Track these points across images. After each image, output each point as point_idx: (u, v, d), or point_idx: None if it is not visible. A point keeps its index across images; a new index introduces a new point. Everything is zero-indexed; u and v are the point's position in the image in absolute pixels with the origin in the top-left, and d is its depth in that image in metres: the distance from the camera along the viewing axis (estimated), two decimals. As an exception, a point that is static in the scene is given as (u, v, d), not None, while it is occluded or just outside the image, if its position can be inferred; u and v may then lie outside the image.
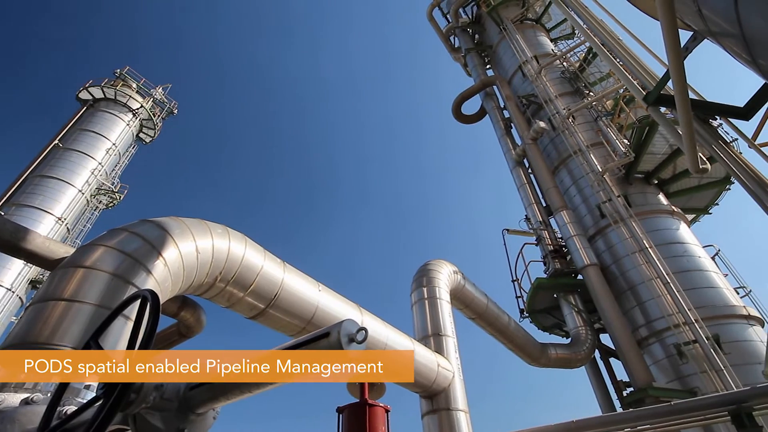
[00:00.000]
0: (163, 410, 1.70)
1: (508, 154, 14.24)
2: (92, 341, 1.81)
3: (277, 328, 4.58)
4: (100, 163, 21.02)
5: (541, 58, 14.76)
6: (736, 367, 7.99)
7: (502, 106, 15.93)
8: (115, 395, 1.44)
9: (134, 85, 25.00)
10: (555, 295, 11.40)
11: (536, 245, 12.57)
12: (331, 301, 4.91)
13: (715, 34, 3.08)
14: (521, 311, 12.20)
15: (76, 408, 1.64)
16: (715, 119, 4.45)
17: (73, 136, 21.24)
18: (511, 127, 15.22)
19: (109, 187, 21.91)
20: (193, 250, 3.69)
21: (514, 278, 12.57)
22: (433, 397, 6.23)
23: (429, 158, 77.64)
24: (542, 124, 12.72)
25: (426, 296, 7.30)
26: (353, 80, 78.75)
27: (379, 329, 5.48)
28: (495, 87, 16.48)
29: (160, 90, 26.05)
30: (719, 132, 6.12)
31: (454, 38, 20.06)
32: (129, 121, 23.67)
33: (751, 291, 10.37)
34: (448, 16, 20.72)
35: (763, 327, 9.04)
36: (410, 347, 5.85)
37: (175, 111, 26.93)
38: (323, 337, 1.29)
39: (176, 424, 1.73)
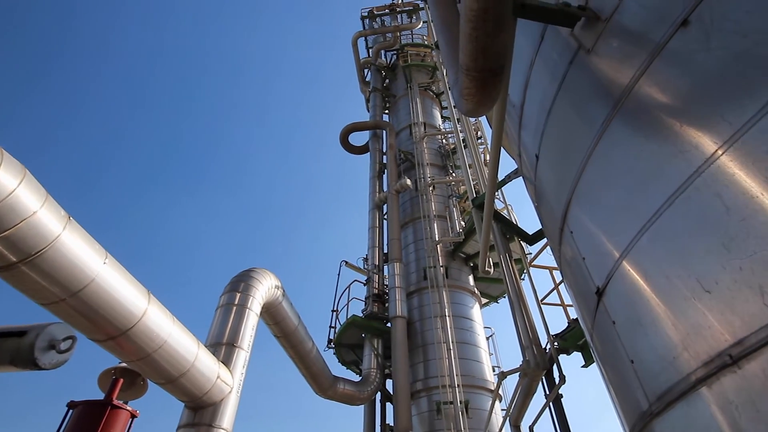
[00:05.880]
0: None
1: (372, 195, 15.19)
2: None
3: (24, 291, 3.63)
4: None
5: (429, 127, 16.57)
6: (473, 430, 9.77)
7: (383, 151, 17.09)
8: None
9: None
10: (363, 335, 12.18)
11: (365, 285, 13.41)
12: (114, 278, 4.18)
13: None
14: (329, 341, 12.62)
15: None
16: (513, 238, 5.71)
17: None
18: (384, 173, 16.35)
19: None
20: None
21: (335, 308, 13.08)
22: (199, 410, 5.78)
23: (318, 170, 76.95)
24: (409, 182, 14.07)
25: (236, 302, 6.93)
26: (266, 57, 74.46)
27: (164, 324, 4.90)
28: (384, 132, 17.64)
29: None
30: (522, 245, 7.75)
31: (368, 72, 21.01)
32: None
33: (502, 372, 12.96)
34: (370, 51, 21.72)
35: (500, 402, 11.27)
36: (193, 351, 5.38)
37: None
38: (16, 335, 1.08)
39: None
